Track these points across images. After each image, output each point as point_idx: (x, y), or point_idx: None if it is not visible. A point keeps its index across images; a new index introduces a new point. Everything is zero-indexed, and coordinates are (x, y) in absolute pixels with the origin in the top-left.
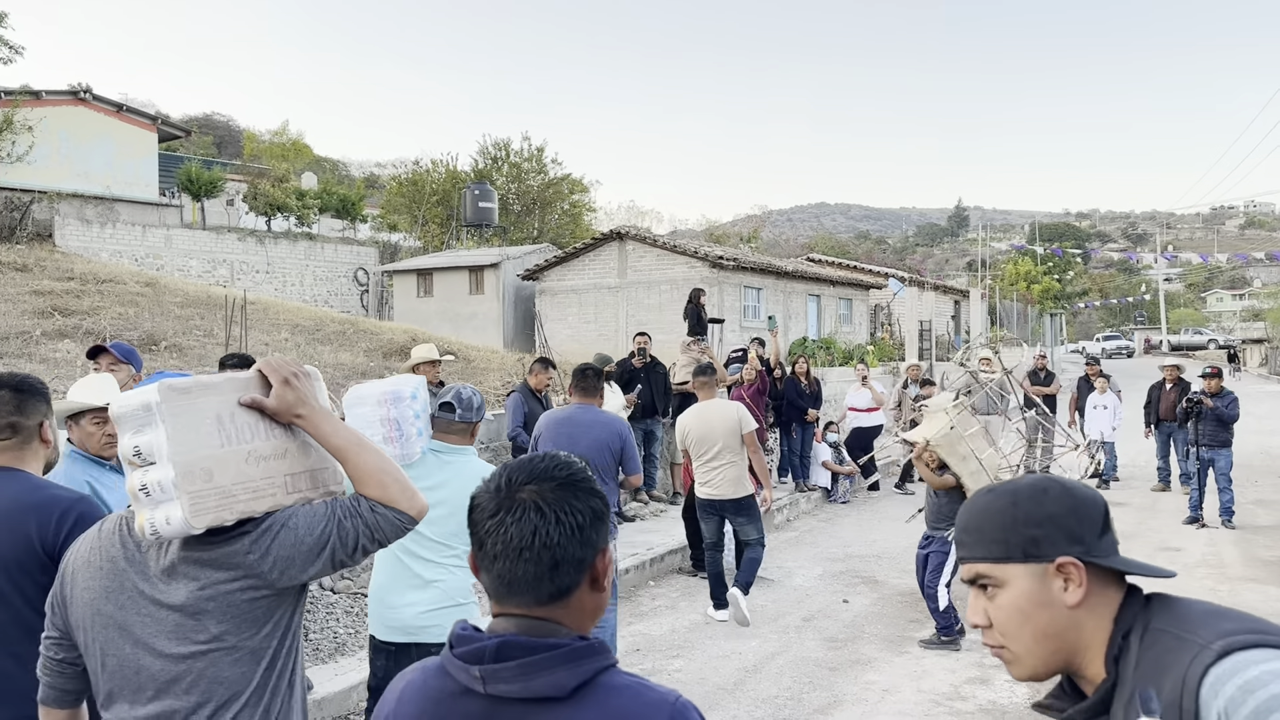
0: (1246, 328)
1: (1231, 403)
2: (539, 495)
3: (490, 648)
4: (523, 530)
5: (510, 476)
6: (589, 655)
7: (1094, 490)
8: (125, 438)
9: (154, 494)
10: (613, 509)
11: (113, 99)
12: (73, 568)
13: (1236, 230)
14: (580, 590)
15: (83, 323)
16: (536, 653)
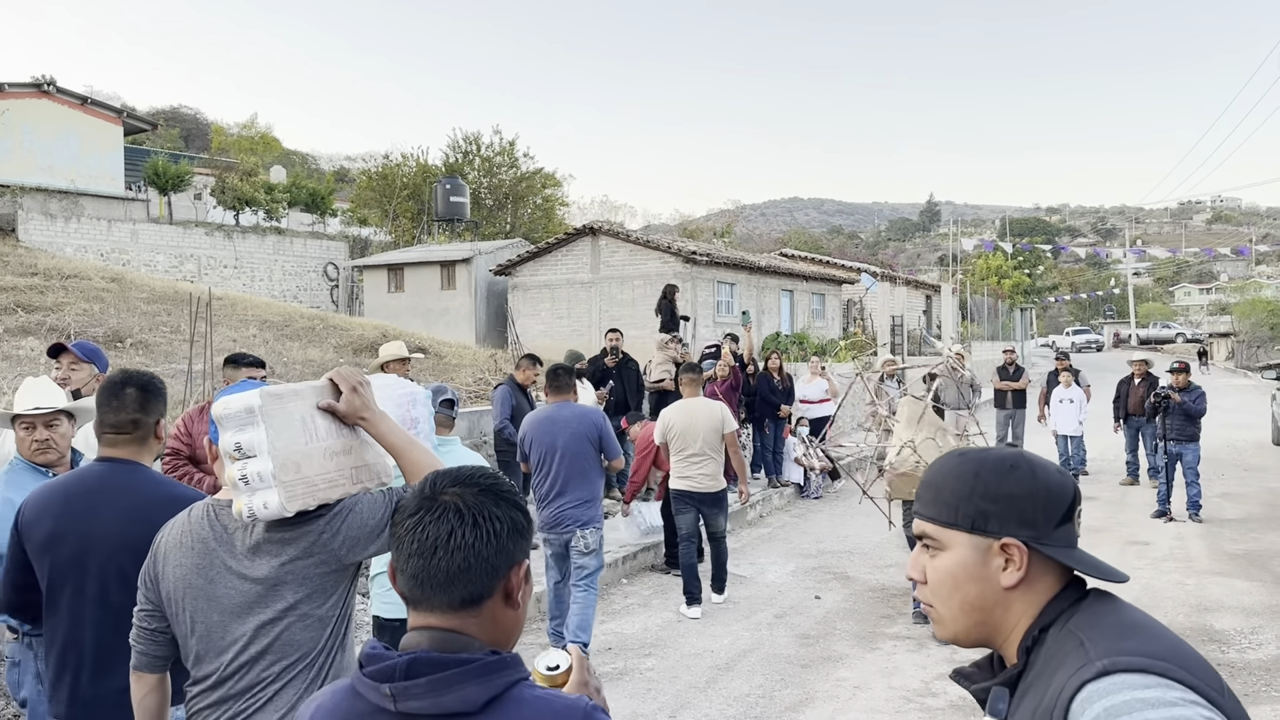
0: (1214, 321)
1: (1199, 397)
2: (460, 498)
3: (401, 665)
4: (439, 530)
5: (435, 481)
6: (500, 669)
7: (1067, 479)
8: (227, 435)
9: (253, 483)
10: (600, 498)
11: (78, 91)
12: (165, 549)
13: (1204, 225)
14: (493, 601)
15: (46, 319)
16: (447, 668)
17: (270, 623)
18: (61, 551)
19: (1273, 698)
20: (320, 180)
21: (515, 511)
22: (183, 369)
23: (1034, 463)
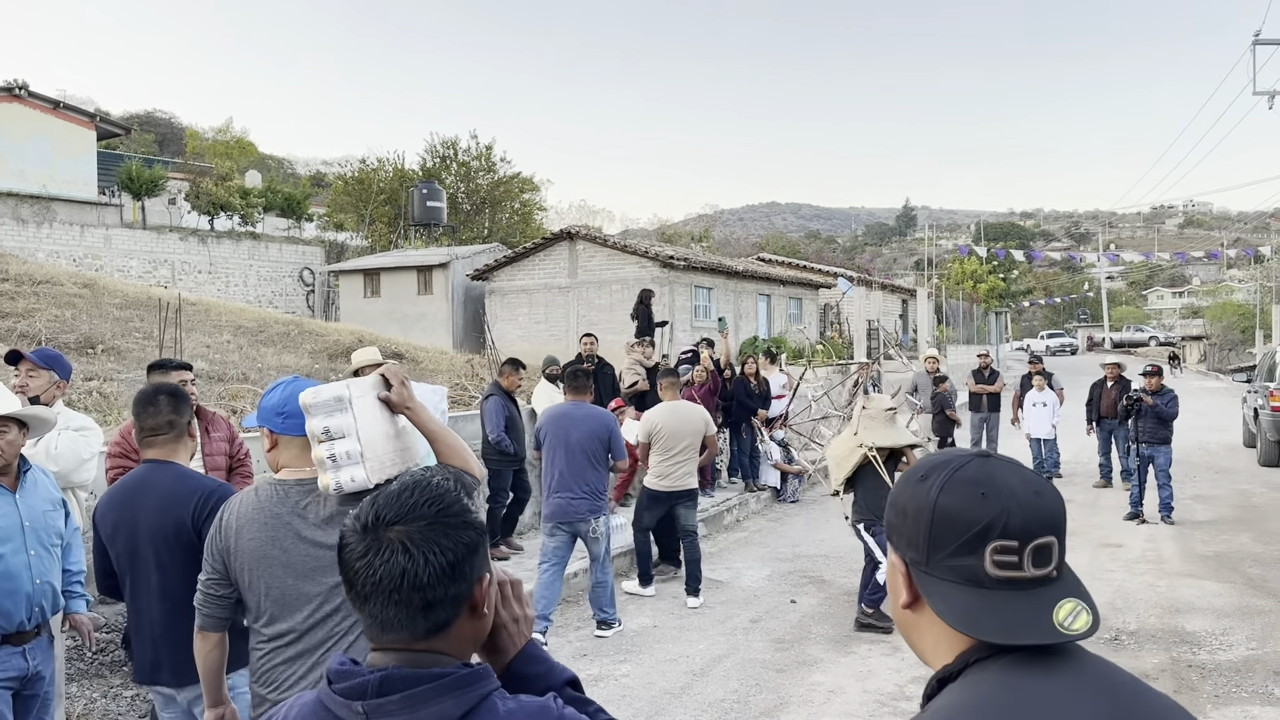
0: (1186, 324)
1: (1171, 400)
2: (406, 536)
3: (373, 682)
4: (391, 572)
5: (378, 514)
6: (473, 682)
7: (987, 505)
8: (316, 420)
9: (340, 461)
10: (606, 492)
11: (50, 96)
12: (236, 524)
13: (1176, 229)
14: (459, 622)
15: (17, 325)
16: (420, 684)
17: (339, 584)
18: (119, 542)
19: (1243, 699)
20: (296, 185)
21: (466, 532)
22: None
23: (955, 479)
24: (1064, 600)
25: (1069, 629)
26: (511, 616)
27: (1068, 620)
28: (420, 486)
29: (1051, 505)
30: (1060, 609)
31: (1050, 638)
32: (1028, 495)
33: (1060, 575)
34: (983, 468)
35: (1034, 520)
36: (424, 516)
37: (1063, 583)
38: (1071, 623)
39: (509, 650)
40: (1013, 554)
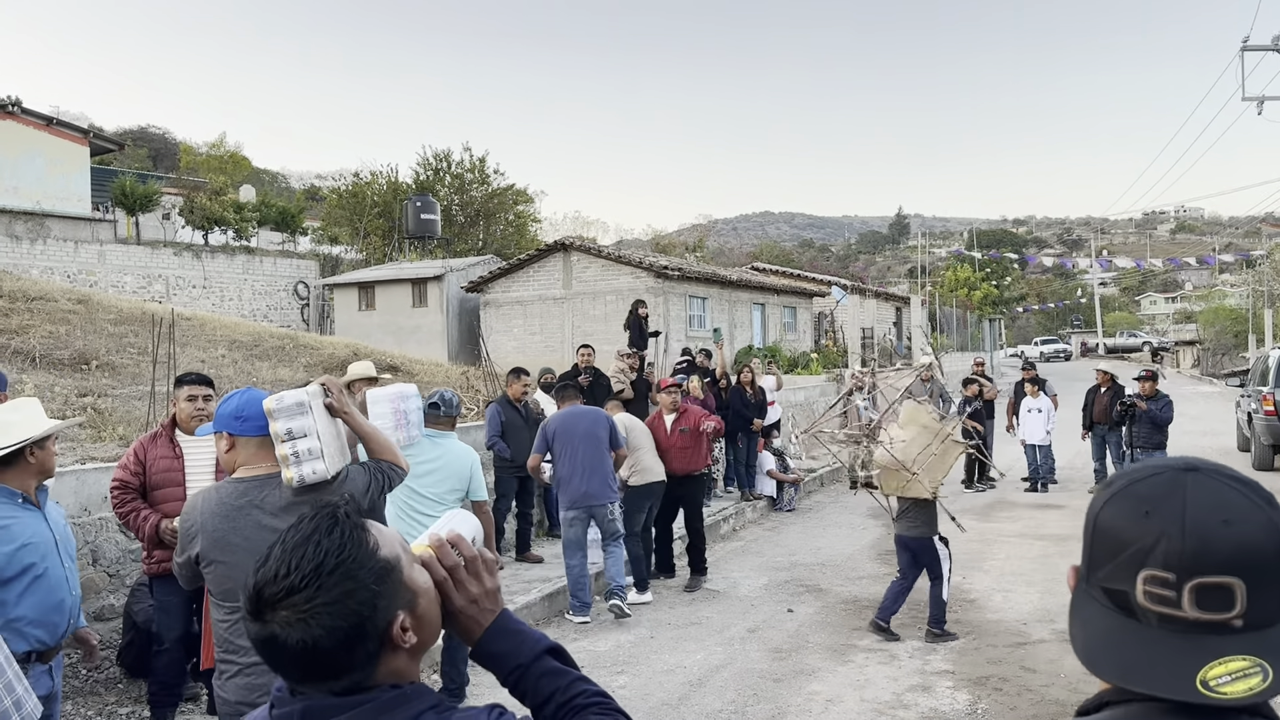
0: (1179, 329)
1: (1165, 405)
2: (296, 615)
3: (297, 711)
4: (293, 650)
5: (259, 595)
6: (401, 704)
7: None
8: (279, 423)
9: (303, 457)
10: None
11: (43, 112)
12: (200, 518)
13: (1168, 235)
14: (383, 660)
15: (11, 342)
16: (343, 711)
17: None
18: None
19: None
20: (290, 199)
21: (362, 589)
22: (147, 390)
23: (1127, 489)
24: (1232, 657)
25: (1216, 690)
26: (468, 598)
27: (1221, 680)
28: (290, 552)
29: (1242, 539)
30: (1217, 665)
31: (1178, 693)
32: (1210, 522)
33: (1250, 628)
34: (1169, 482)
35: (1206, 553)
36: (304, 589)
37: (1248, 638)
38: (1226, 684)
39: (474, 631)
40: (1168, 588)
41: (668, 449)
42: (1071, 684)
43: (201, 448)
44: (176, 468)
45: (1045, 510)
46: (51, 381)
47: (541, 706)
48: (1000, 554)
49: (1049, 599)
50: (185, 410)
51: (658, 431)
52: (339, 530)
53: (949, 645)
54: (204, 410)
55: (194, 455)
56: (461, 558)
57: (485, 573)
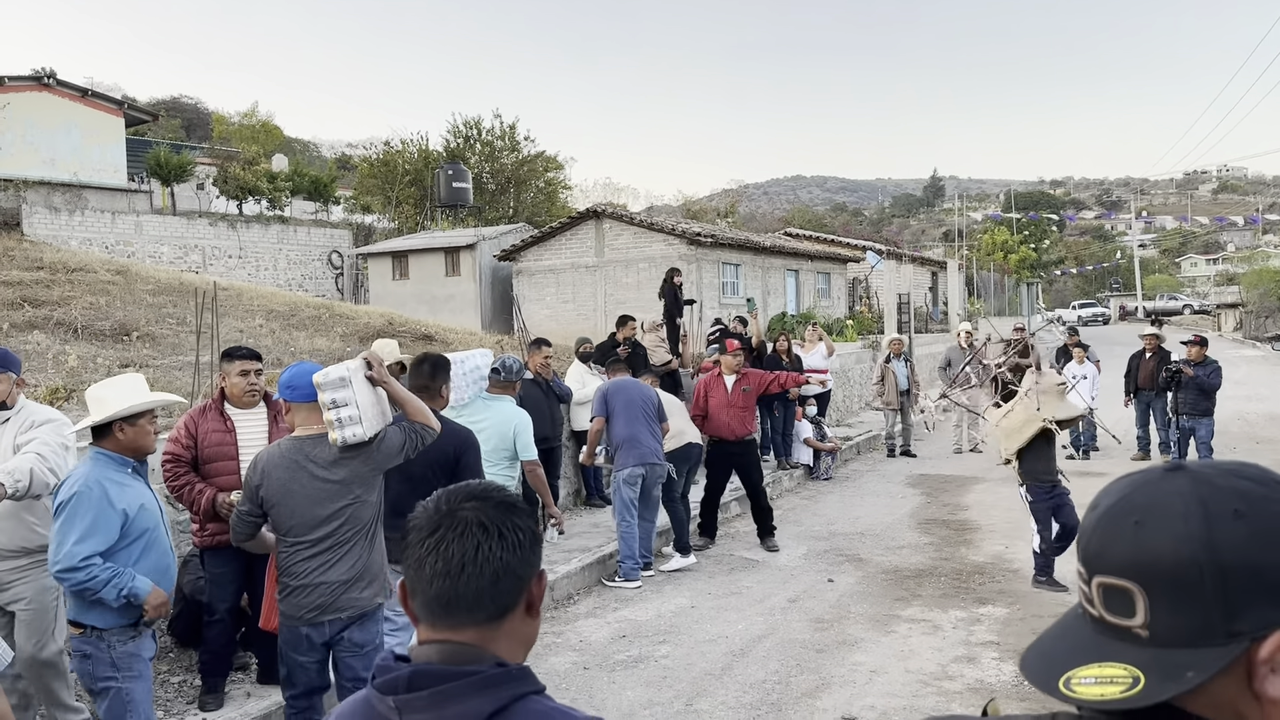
0: (1221, 292)
1: (1214, 371)
2: (481, 512)
3: (403, 678)
4: (465, 546)
5: (449, 496)
6: (505, 682)
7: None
8: (325, 394)
9: (345, 422)
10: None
11: (78, 84)
12: (264, 469)
13: (1210, 195)
14: (516, 613)
15: (53, 313)
16: (449, 681)
17: (345, 506)
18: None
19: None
20: (322, 168)
21: (531, 521)
22: (189, 360)
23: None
24: (1116, 664)
25: (1072, 689)
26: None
27: (1084, 681)
28: (483, 484)
29: (1143, 543)
30: (1094, 667)
31: (1040, 684)
32: (1124, 522)
33: (1155, 643)
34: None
35: (1106, 552)
36: (493, 499)
37: (1149, 652)
38: (1084, 686)
39: None
40: (1083, 581)
41: (728, 408)
42: None
43: (253, 421)
44: (229, 441)
45: (1087, 478)
46: (93, 352)
47: None
48: None
49: None
50: (238, 385)
51: (716, 393)
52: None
53: (994, 616)
54: (256, 385)
55: (246, 429)
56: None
57: None
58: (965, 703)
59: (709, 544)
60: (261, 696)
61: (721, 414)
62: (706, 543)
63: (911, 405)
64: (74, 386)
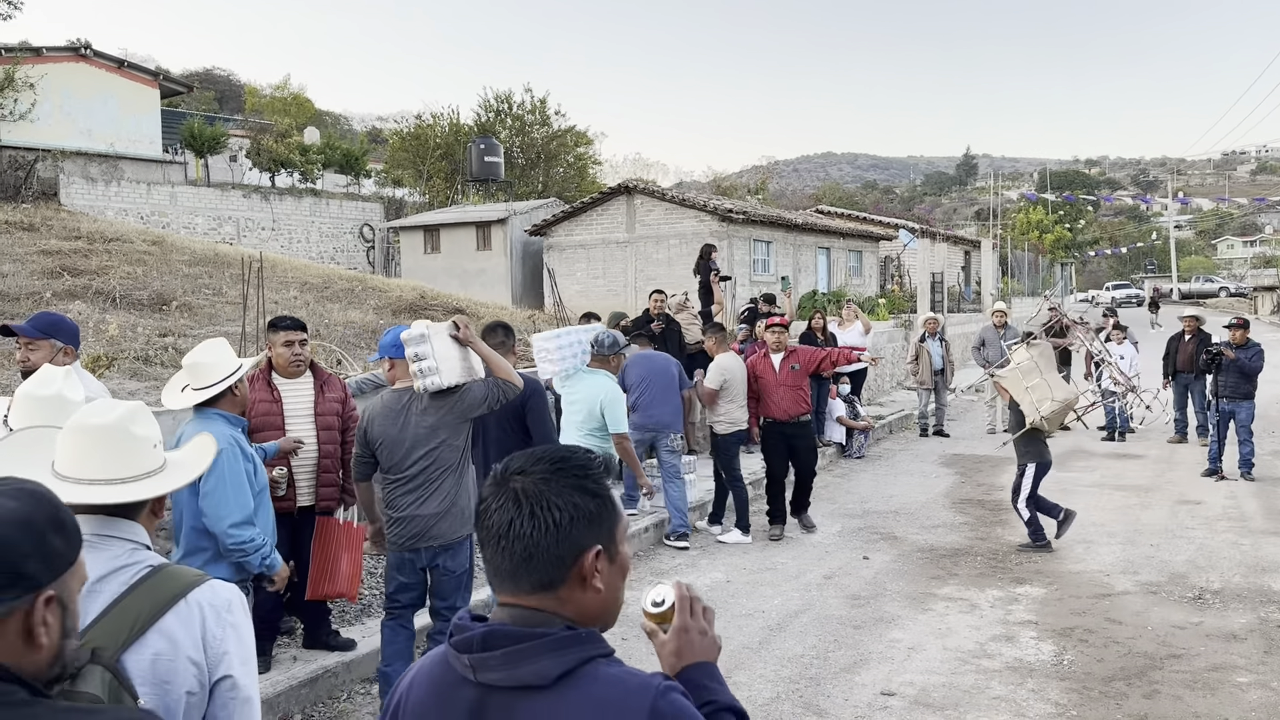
0: (1258, 275)
1: (1255, 354)
2: (522, 487)
3: (477, 637)
4: (500, 521)
5: (508, 466)
6: (574, 644)
7: None
8: (410, 348)
9: (425, 372)
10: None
11: (114, 55)
12: (370, 416)
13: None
14: (567, 587)
15: (92, 283)
16: (521, 641)
17: (435, 448)
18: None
19: None
20: (354, 141)
21: (583, 497)
22: (226, 331)
23: None
24: None
25: None
26: (699, 629)
27: None
28: (559, 450)
29: None
30: None
31: None
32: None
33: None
34: None
35: None
36: (544, 470)
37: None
38: None
39: (684, 656)
40: None
41: (778, 387)
42: (1160, 637)
43: (299, 390)
44: (276, 411)
45: (1124, 460)
46: (133, 322)
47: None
48: (1080, 504)
49: (1131, 550)
50: (284, 355)
51: (765, 372)
52: (588, 454)
53: (1031, 596)
54: (301, 355)
55: (292, 398)
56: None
57: (710, 623)
58: (1004, 680)
59: (781, 532)
60: (308, 660)
61: (773, 393)
62: (780, 530)
63: (945, 385)
64: (115, 355)
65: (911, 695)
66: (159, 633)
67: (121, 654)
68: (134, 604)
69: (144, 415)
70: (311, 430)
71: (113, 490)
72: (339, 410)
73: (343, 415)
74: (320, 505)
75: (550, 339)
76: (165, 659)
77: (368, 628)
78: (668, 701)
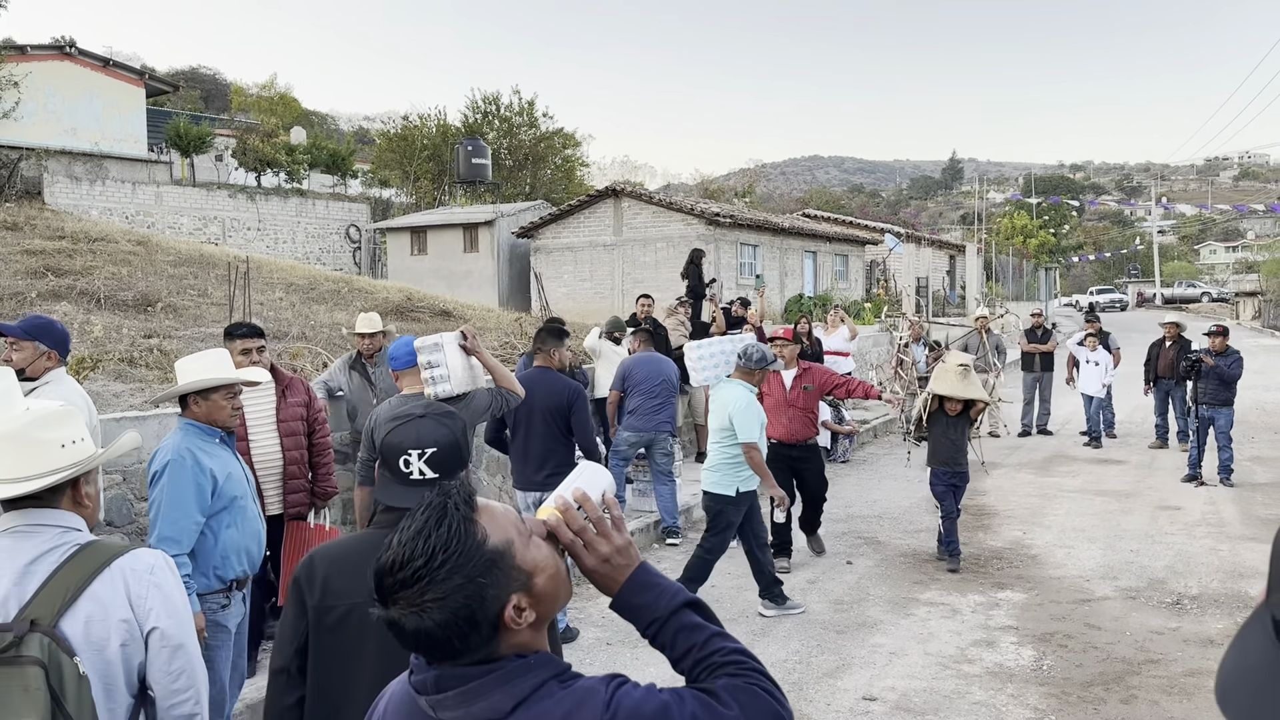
0: (1239, 280)
1: (1234, 361)
2: (409, 607)
3: (430, 679)
4: (410, 637)
5: (381, 583)
6: (524, 673)
7: None
8: (422, 356)
9: (437, 380)
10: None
11: (99, 53)
12: (378, 420)
13: (1230, 182)
14: (501, 639)
15: (77, 283)
16: (470, 680)
17: None
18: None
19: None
20: (340, 141)
21: (469, 569)
22: (211, 332)
23: None
24: None
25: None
26: (599, 558)
27: None
28: (411, 543)
29: None
30: None
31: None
32: None
33: None
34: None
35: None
36: (418, 584)
37: None
38: None
39: (611, 587)
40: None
41: (787, 408)
42: (1138, 642)
43: (260, 398)
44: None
45: (1105, 465)
46: (118, 322)
47: (680, 661)
48: (1061, 509)
49: (1111, 555)
50: (240, 364)
51: (773, 390)
52: (447, 523)
53: (1012, 601)
54: (259, 363)
55: (253, 406)
56: (589, 519)
57: (615, 530)
58: (985, 685)
59: (788, 565)
60: None
61: (780, 415)
62: (786, 563)
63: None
64: (99, 356)
65: (893, 700)
66: (89, 598)
67: (58, 621)
68: (65, 577)
69: (53, 420)
70: (274, 437)
71: (9, 488)
72: (303, 415)
73: (307, 419)
74: (290, 511)
75: (694, 349)
76: (97, 620)
77: None
78: (617, 700)
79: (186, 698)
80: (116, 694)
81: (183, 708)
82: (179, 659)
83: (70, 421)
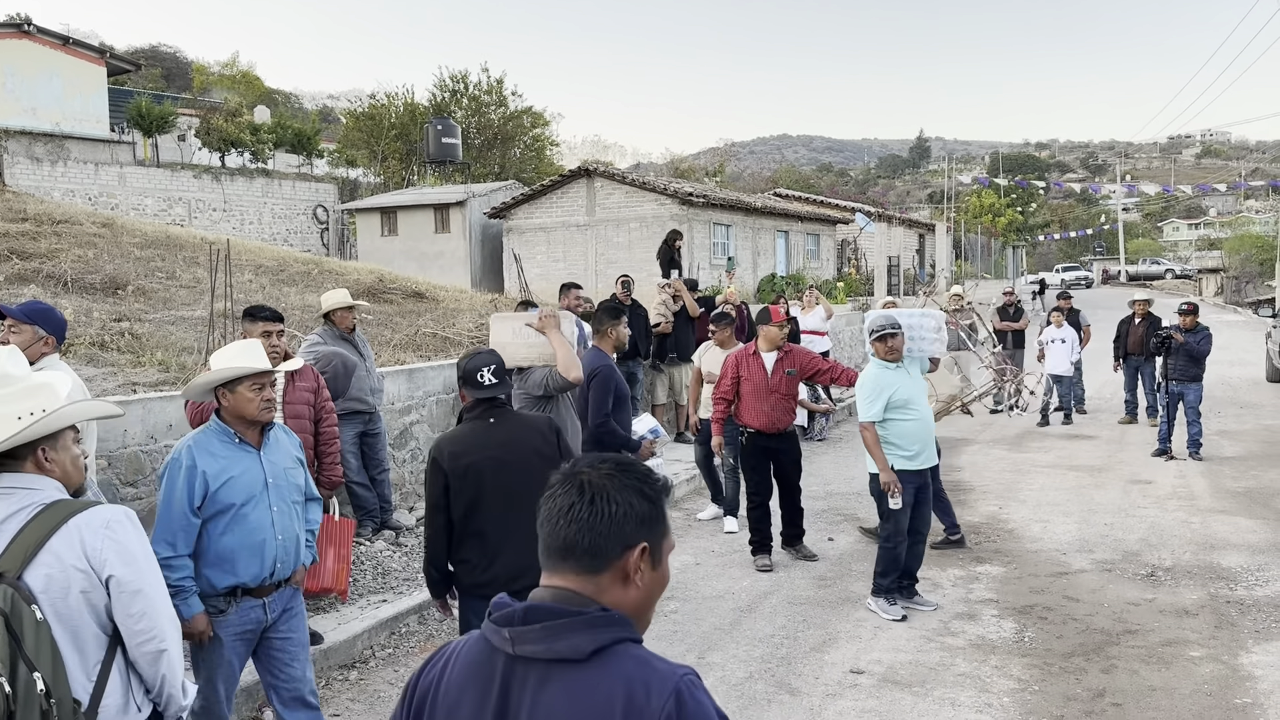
0: (1202, 257)
1: (1204, 338)
2: (588, 476)
3: (519, 611)
4: (562, 503)
5: (579, 460)
6: (609, 624)
7: None
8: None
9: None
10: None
11: (58, 31)
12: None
13: (1193, 160)
14: (608, 576)
15: (43, 266)
16: (559, 618)
17: None
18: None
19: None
20: (305, 120)
21: (640, 499)
22: (182, 315)
23: None
24: None
25: None
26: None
27: None
28: (625, 458)
29: None
30: None
31: None
32: None
33: None
34: None
35: None
36: (609, 470)
37: None
38: None
39: None
40: None
41: (768, 394)
42: (1115, 613)
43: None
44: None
45: (1076, 441)
46: (87, 306)
47: None
48: (1035, 484)
49: (1086, 529)
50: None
51: (753, 374)
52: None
53: (991, 575)
54: (278, 347)
55: None
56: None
57: None
58: (969, 658)
59: (770, 562)
60: None
61: (759, 401)
62: (768, 560)
63: None
64: (70, 340)
65: (880, 673)
66: (48, 552)
67: (22, 573)
68: (29, 534)
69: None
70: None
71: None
72: (310, 400)
73: (315, 405)
74: None
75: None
76: (56, 572)
77: (343, 615)
78: (689, 689)
79: (150, 636)
80: (85, 635)
81: (148, 645)
82: (138, 602)
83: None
